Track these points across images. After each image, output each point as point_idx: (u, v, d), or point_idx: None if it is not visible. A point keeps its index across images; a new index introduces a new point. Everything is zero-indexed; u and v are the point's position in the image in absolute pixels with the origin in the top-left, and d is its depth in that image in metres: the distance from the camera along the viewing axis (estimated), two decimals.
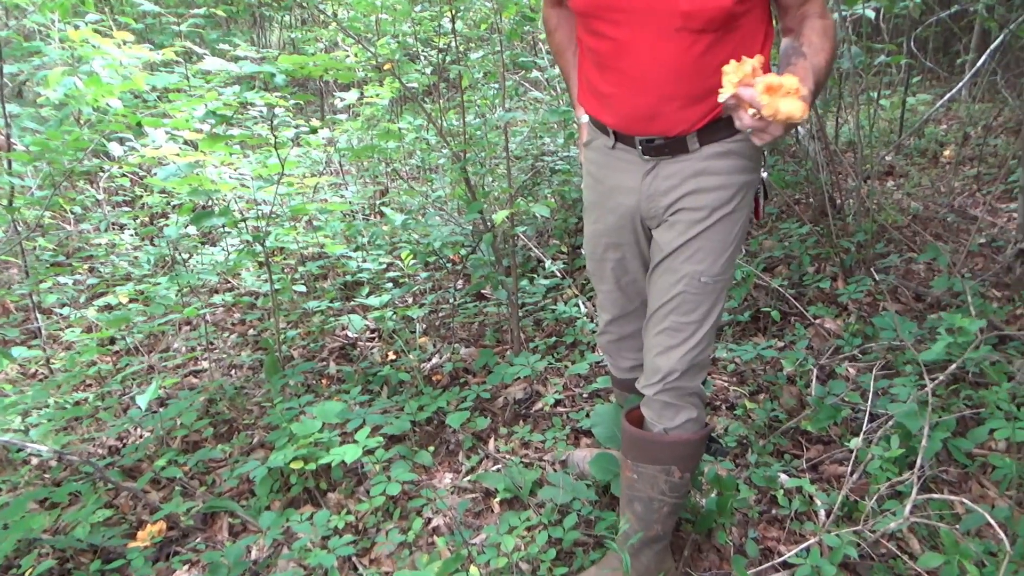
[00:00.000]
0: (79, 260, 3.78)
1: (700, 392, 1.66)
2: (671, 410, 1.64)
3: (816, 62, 1.35)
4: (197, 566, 2.06)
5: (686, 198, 1.54)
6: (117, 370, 3.06)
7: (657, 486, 1.68)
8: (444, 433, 2.55)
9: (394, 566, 1.98)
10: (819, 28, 1.38)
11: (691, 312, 1.59)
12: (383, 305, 3.17)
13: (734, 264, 1.60)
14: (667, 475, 1.67)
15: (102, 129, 2.40)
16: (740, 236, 1.59)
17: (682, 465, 1.67)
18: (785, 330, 2.90)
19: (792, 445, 2.29)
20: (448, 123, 3.62)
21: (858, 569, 1.81)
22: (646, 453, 1.68)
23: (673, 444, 1.65)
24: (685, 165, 1.52)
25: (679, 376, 1.61)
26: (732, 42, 1.39)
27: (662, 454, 1.66)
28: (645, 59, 1.42)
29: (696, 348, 1.60)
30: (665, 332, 1.62)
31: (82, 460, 2.23)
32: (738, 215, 1.56)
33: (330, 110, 5.96)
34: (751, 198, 1.58)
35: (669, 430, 1.64)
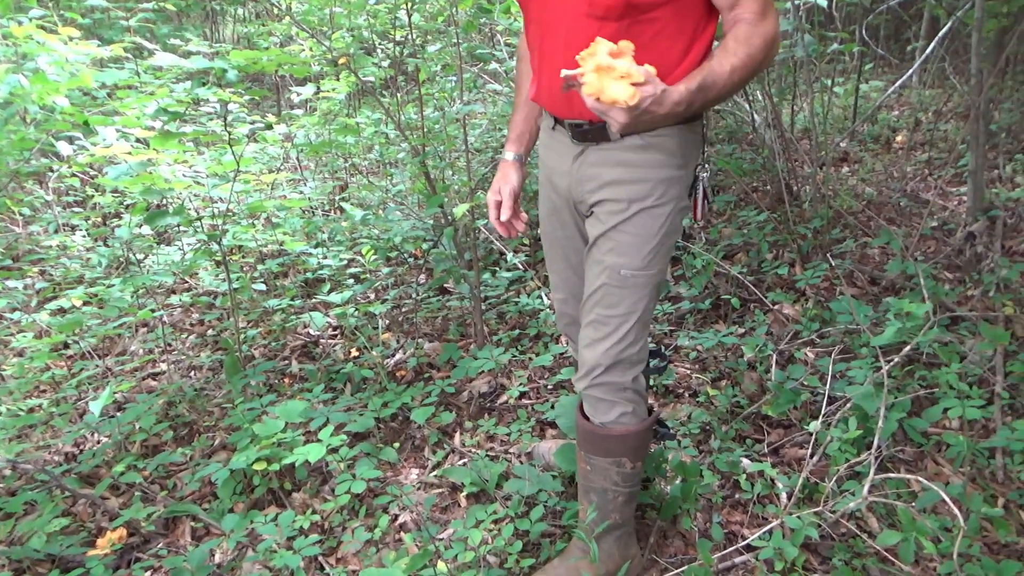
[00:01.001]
0: (29, 263, 3.68)
1: (634, 387, 1.65)
2: (604, 405, 1.65)
3: (717, 64, 1.31)
4: (160, 572, 2.02)
5: (607, 188, 1.54)
6: (71, 375, 2.98)
7: (610, 477, 1.69)
8: (409, 429, 2.54)
9: (361, 564, 1.97)
10: (741, 33, 1.33)
11: (615, 306, 1.59)
12: (345, 302, 3.14)
13: (662, 260, 1.58)
14: (618, 467, 1.68)
15: (49, 128, 2.34)
16: (666, 232, 1.55)
17: (632, 456, 1.68)
18: (745, 316, 2.93)
19: (754, 430, 2.32)
20: (407, 117, 3.60)
21: (819, 549, 1.84)
22: (596, 445, 1.69)
23: (621, 437, 1.66)
24: (608, 155, 1.53)
25: (605, 371, 1.62)
26: (647, 33, 1.37)
27: (612, 446, 1.67)
28: (561, 41, 1.46)
29: (622, 343, 1.60)
30: (591, 325, 1.63)
31: (37, 468, 2.18)
32: (660, 210, 1.53)
33: (286, 105, 5.88)
34: (676, 194, 1.54)
35: (605, 424, 1.65)
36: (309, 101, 3.91)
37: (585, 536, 1.68)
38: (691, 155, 1.54)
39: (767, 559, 1.77)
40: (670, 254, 1.61)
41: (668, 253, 1.59)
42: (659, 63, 1.29)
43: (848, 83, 6.11)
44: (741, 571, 1.81)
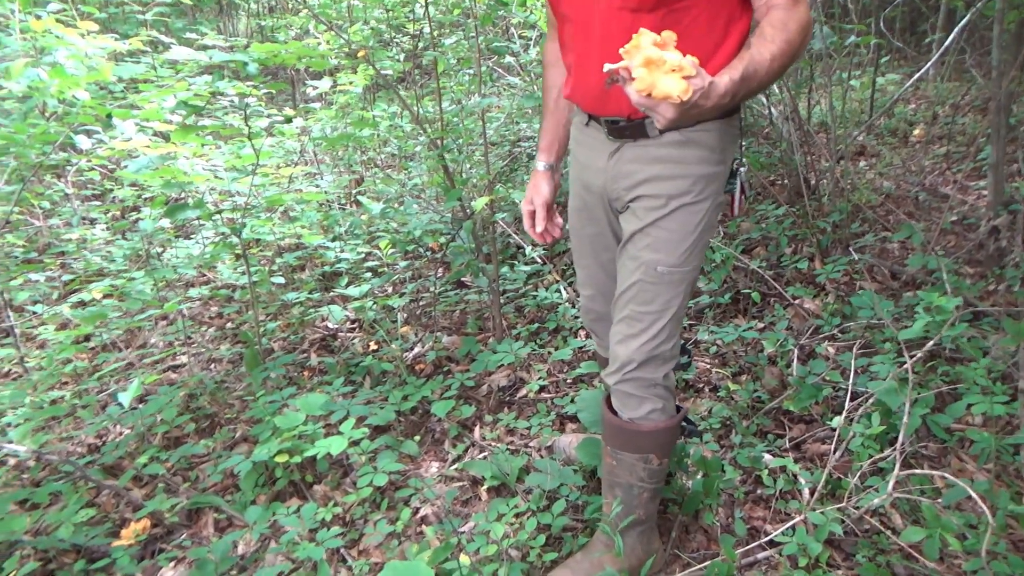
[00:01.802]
0: (51, 256, 3.70)
1: (665, 383, 1.64)
2: (634, 400, 1.65)
3: (757, 52, 1.28)
4: (183, 563, 2.03)
5: (645, 185, 1.53)
6: (94, 367, 3.01)
7: (636, 473, 1.69)
8: (429, 422, 2.55)
9: (383, 557, 1.98)
10: (777, 19, 1.32)
11: (649, 302, 1.58)
12: (363, 295, 3.15)
13: (698, 256, 1.57)
14: (645, 463, 1.68)
15: (70, 121, 2.34)
16: (704, 228, 1.54)
17: (660, 452, 1.68)
18: (765, 311, 2.92)
19: (775, 425, 2.31)
20: (424, 110, 3.59)
21: (843, 545, 1.84)
22: (624, 441, 1.69)
23: (650, 433, 1.65)
24: (645, 151, 1.52)
25: (637, 367, 1.61)
26: (682, 23, 1.36)
27: (640, 442, 1.67)
28: (596, 36, 1.45)
29: (655, 339, 1.59)
30: (625, 320, 1.62)
31: (61, 459, 2.20)
32: (699, 206, 1.52)
33: (302, 99, 5.89)
34: (715, 190, 1.53)
35: (635, 420, 1.65)
36: (326, 94, 3.91)
37: (610, 530, 1.68)
38: (729, 149, 1.53)
39: (790, 555, 1.77)
40: (706, 250, 1.60)
41: (704, 249, 1.58)
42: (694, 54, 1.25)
43: (865, 76, 6.06)
44: (764, 567, 1.81)
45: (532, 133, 3.81)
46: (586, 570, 1.75)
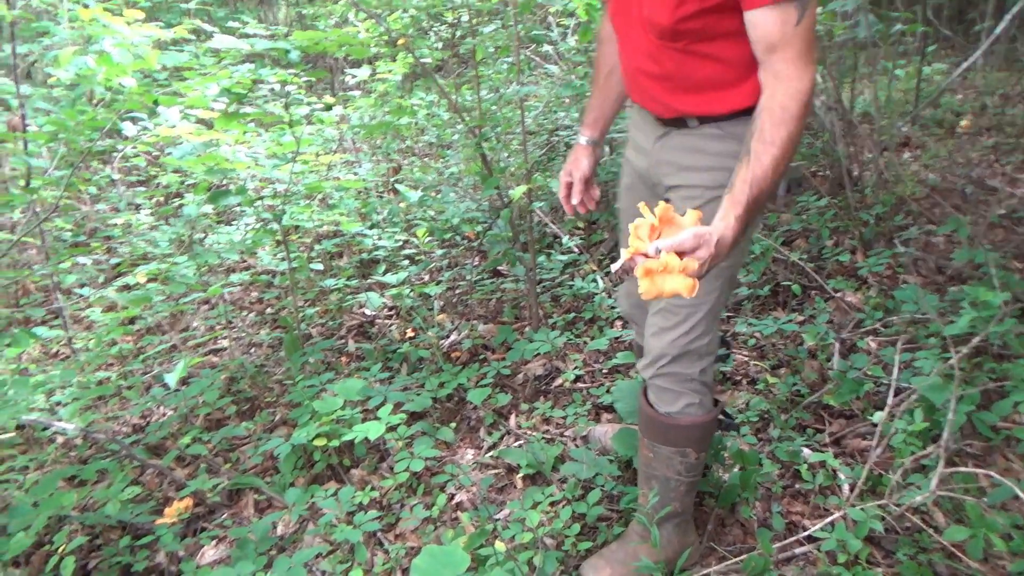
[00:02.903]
0: (97, 240, 3.78)
1: (701, 379, 1.63)
2: (669, 395, 1.64)
3: (757, 166, 1.24)
4: (224, 542, 2.08)
5: (683, 174, 1.53)
6: (138, 349, 3.07)
7: (673, 466, 1.68)
8: (465, 410, 2.56)
9: (419, 541, 2.00)
10: (778, 105, 1.25)
11: None
12: (400, 283, 3.17)
13: (740, 252, 1.55)
14: (682, 456, 1.67)
15: (118, 108, 2.39)
16: None
17: (697, 446, 1.67)
18: (805, 304, 2.88)
19: (814, 419, 2.29)
20: (462, 98, 3.60)
21: (883, 543, 1.81)
22: (661, 434, 1.68)
23: (687, 427, 1.64)
24: (687, 140, 1.51)
25: (671, 361, 1.60)
26: (709, 51, 1.37)
27: (677, 436, 1.66)
28: (630, 46, 1.51)
29: (690, 334, 1.58)
30: (660, 313, 1.61)
31: (108, 438, 2.25)
32: None
33: (341, 87, 5.93)
34: None
35: (671, 414, 1.64)
36: (365, 83, 3.92)
37: (647, 521, 1.68)
38: None
39: (829, 551, 1.75)
40: (748, 246, 1.58)
41: (746, 245, 1.57)
42: (722, 81, 1.35)
43: (910, 66, 5.92)
44: (802, 562, 1.79)
45: (570, 122, 3.79)
46: (621, 560, 1.76)
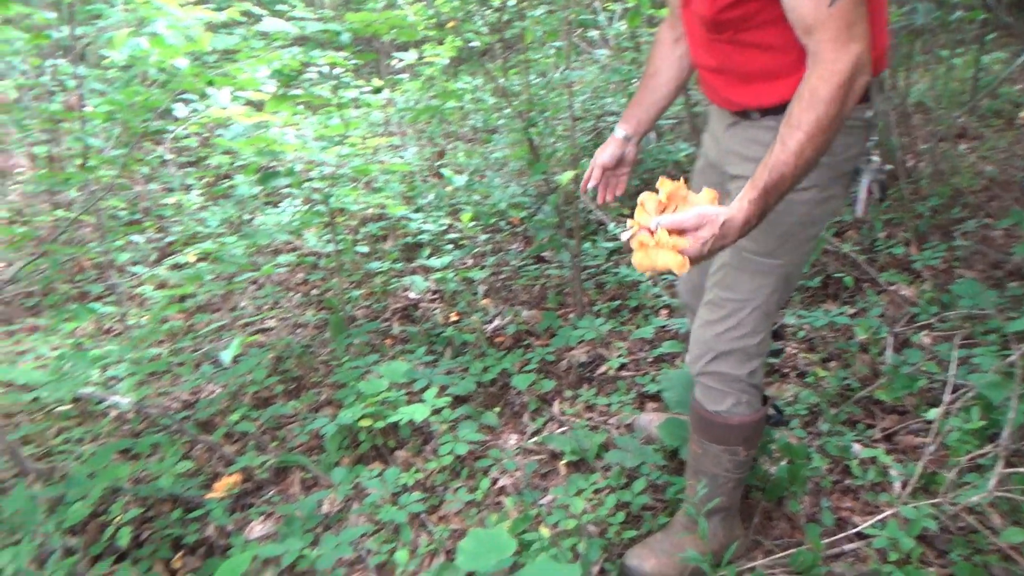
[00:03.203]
0: (150, 220, 3.86)
1: (750, 380, 1.59)
2: (714, 394, 1.62)
3: (780, 151, 1.20)
4: (272, 518, 2.11)
5: (745, 164, 1.48)
6: (188, 327, 3.13)
7: (721, 463, 1.66)
8: (508, 395, 2.56)
9: (463, 524, 2.01)
10: (808, 89, 1.19)
11: (732, 288, 1.53)
12: (444, 267, 3.18)
13: (793, 251, 1.47)
14: (732, 454, 1.65)
15: (173, 89, 2.42)
16: (800, 221, 1.43)
17: (746, 445, 1.65)
18: (856, 296, 2.82)
19: (865, 414, 2.24)
20: (508, 83, 3.58)
21: (936, 542, 1.77)
22: (710, 432, 1.66)
23: (737, 427, 1.62)
24: (749, 131, 1.48)
25: (716, 358, 1.57)
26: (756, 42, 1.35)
27: (726, 435, 1.64)
28: (694, 45, 1.51)
29: (736, 330, 1.53)
30: (707, 305, 1.59)
31: (160, 413, 2.30)
32: (794, 195, 1.36)
33: (387, 71, 5.94)
34: (817, 182, 1.39)
35: (719, 413, 1.62)
36: (412, 66, 3.93)
37: (695, 512, 1.66)
38: (842, 143, 1.37)
39: (880, 548, 1.72)
40: (808, 246, 1.49)
41: (803, 245, 1.48)
42: (772, 71, 1.33)
43: (968, 54, 5.73)
44: (851, 559, 1.76)
45: (617, 108, 3.75)
46: (666, 551, 1.75)
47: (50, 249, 2.49)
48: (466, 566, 1.32)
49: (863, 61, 1.17)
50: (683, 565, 1.71)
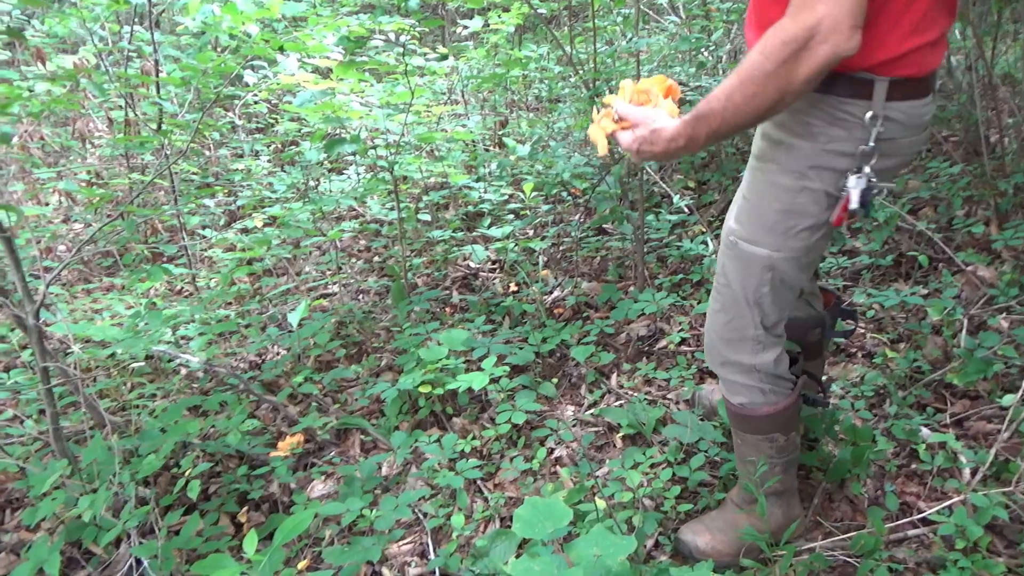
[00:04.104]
0: (220, 184, 3.96)
1: (766, 370, 1.54)
2: (730, 387, 1.60)
3: (719, 89, 1.19)
4: (332, 478, 2.17)
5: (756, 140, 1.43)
6: (255, 290, 3.21)
7: (763, 450, 1.63)
8: (566, 366, 2.56)
9: (518, 492, 2.03)
10: (761, 39, 1.15)
11: (725, 275, 1.49)
12: (505, 236, 3.18)
13: (779, 242, 1.38)
14: (771, 442, 1.62)
15: (246, 54, 2.46)
16: (783, 209, 1.36)
17: (783, 429, 1.61)
18: (930, 276, 2.72)
19: (935, 398, 2.17)
20: (575, 51, 3.53)
21: (1005, 532, 1.71)
22: (741, 423, 1.63)
23: (767, 417, 1.58)
24: None
25: (721, 347, 1.55)
26: None
27: (758, 425, 1.60)
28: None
29: (736, 320, 1.49)
30: (712, 293, 1.57)
31: (229, 372, 2.37)
32: (773, 176, 1.35)
33: (451, 39, 5.93)
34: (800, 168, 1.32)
35: (744, 405, 1.59)
36: (477, 34, 3.91)
37: (754, 489, 1.64)
38: (822, 130, 1.29)
39: (946, 536, 1.67)
40: (795, 243, 1.38)
41: (788, 238, 1.38)
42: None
43: None
44: (915, 545, 1.72)
45: (686, 77, 3.67)
46: (720, 528, 1.73)
47: (128, 211, 2.58)
48: (522, 533, 1.33)
49: (822, 29, 1.08)
50: (738, 542, 1.70)
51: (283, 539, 1.43)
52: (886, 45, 1.20)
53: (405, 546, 1.91)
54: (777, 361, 1.56)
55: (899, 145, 1.31)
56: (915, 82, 1.25)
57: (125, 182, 3.66)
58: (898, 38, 1.20)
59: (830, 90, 1.26)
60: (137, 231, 3.68)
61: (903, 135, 1.29)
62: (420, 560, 1.87)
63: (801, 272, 1.45)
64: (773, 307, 1.49)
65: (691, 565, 1.71)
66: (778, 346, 1.55)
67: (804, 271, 1.46)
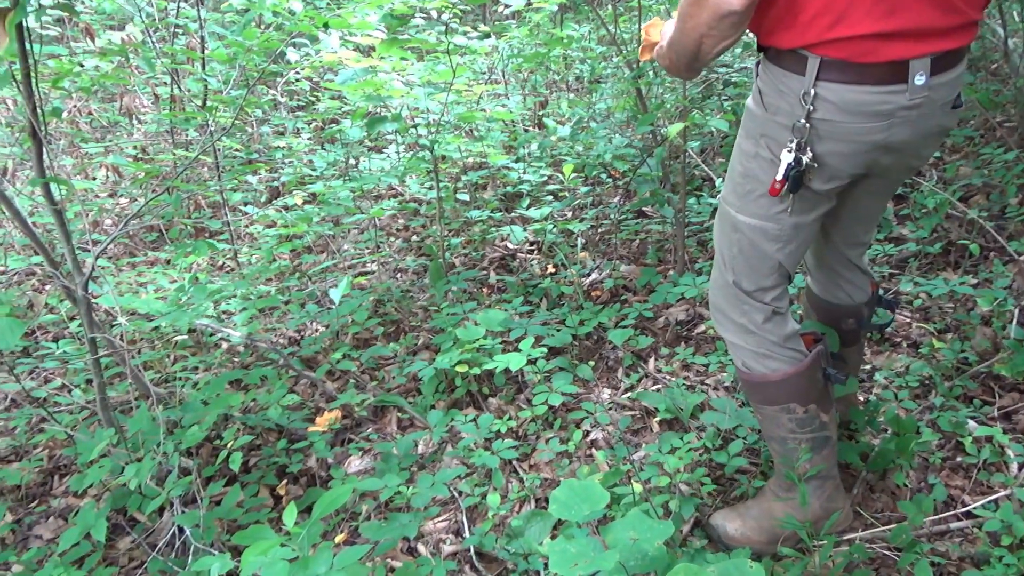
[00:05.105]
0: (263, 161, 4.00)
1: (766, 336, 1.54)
2: (730, 348, 1.63)
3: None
4: (369, 454, 2.19)
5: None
6: (295, 267, 3.25)
7: (782, 424, 1.59)
8: (603, 349, 2.55)
9: (553, 473, 2.03)
10: None
11: (716, 229, 1.58)
12: (543, 218, 3.17)
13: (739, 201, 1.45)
14: (788, 412, 1.58)
15: (292, 30, 2.48)
16: (743, 172, 1.44)
17: (801, 399, 1.56)
18: (980, 266, 2.65)
19: (982, 390, 2.12)
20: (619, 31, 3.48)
21: None
22: (755, 393, 1.61)
23: (778, 382, 1.55)
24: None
25: (712, 301, 1.62)
26: None
27: (771, 393, 1.58)
28: None
29: (721, 273, 1.56)
30: None
31: (270, 347, 2.41)
32: (742, 141, 1.45)
33: (492, 18, 5.89)
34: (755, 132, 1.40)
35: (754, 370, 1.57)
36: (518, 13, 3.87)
37: (795, 477, 1.62)
38: (774, 99, 1.35)
39: (991, 531, 1.63)
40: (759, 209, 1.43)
41: (751, 203, 1.44)
42: None
43: None
44: (958, 538, 1.69)
45: (731, 58, 3.60)
46: (754, 516, 1.72)
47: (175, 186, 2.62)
48: (559, 514, 1.33)
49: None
50: (771, 531, 1.68)
51: (322, 512, 1.45)
52: (815, 26, 1.23)
53: (440, 523, 1.93)
54: (772, 327, 1.54)
55: (842, 129, 1.30)
56: (855, 67, 1.24)
57: (170, 157, 3.71)
58: (828, 22, 1.22)
59: (777, 62, 1.33)
60: (181, 206, 3.73)
61: (842, 119, 1.29)
62: (455, 538, 1.88)
63: (771, 243, 1.47)
64: (744, 271, 1.52)
65: (724, 551, 1.70)
66: (765, 312, 1.54)
67: (775, 243, 1.46)
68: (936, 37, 1.24)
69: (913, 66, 1.24)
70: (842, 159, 1.35)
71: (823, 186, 1.39)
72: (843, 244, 1.68)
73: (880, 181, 1.51)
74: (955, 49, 1.27)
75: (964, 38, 1.28)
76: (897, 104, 1.26)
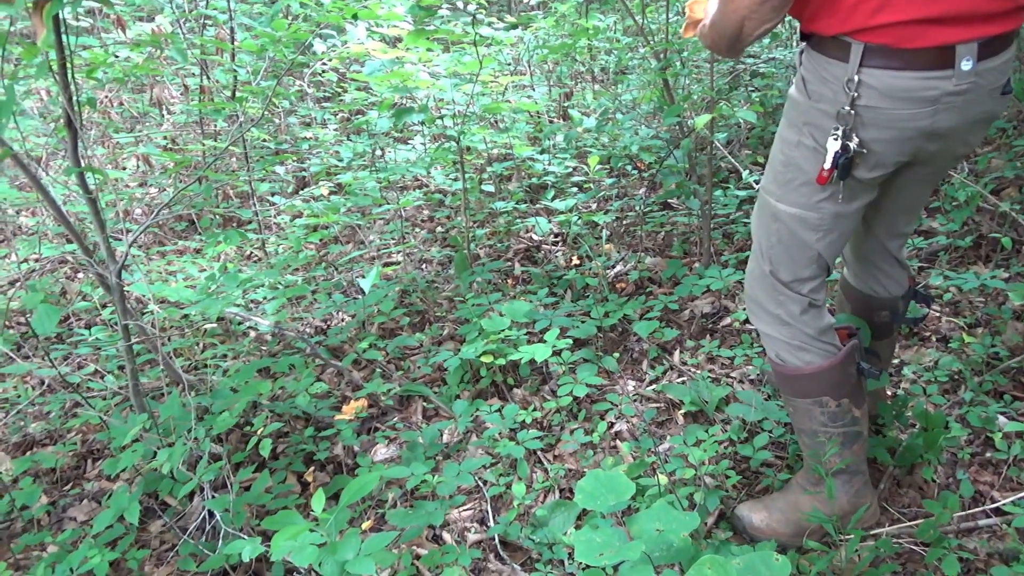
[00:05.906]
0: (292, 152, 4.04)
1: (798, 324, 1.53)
2: (763, 339, 1.62)
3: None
4: (395, 443, 2.22)
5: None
6: (321, 257, 3.28)
7: (814, 417, 1.59)
8: (628, 341, 2.55)
9: (577, 464, 2.04)
10: None
11: (754, 218, 1.58)
12: (568, 209, 3.17)
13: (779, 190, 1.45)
14: (820, 406, 1.57)
15: (320, 20, 2.49)
16: (784, 161, 1.44)
17: (833, 393, 1.56)
18: (1012, 260, 2.61)
19: (1013, 386, 2.09)
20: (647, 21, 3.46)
21: None
22: (788, 385, 1.60)
23: (813, 375, 1.54)
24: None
25: (747, 290, 1.61)
26: None
27: (804, 386, 1.57)
28: None
29: (757, 263, 1.56)
30: None
31: (297, 336, 2.43)
32: (783, 130, 1.45)
33: (517, 9, 5.88)
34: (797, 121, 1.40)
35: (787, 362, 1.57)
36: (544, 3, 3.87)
37: (822, 471, 1.61)
38: (818, 87, 1.34)
39: (1021, 528, 1.62)
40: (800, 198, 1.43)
41: (792, 191, 1.44)
42: None
43: None
44: (986, 534, 1.67)
45: (759, 48, 3.57)
46: (780, 508, 1.71)
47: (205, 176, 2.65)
48: (584, 504, 1.34)
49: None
50: (796, 524, 1.68)
51: (349, 499, 1.47)
52: (858, 12, 1.23)
53: (465, 512, 1.94)
54: (808, 319, 1.54)
55: (886, 116, 1.29)
56: (899, 53, 1.23)
57: (200, 148, 3.75)
58: (871, 7, 1.22)
59: (820, 49, 1.32)
60: (211, 196, 3.77)
61: (887, 106, 1.28)
62: (480, 527, 1.90)
63: (811, 232, 1.46)
64: (782, 261, 1.51)
65: (749, 543, 1.70)
66: (801, 303, 1.53)
67: (815, 233, 1.46)
68: (982, 22, 1.22)
69: (959, 51, 1.22)
70: (887, 146, 1.34)
71: (867, 174, 1.38)
72: (884, 235, 1.66)
73: (925, 169, 1.49)
74: (1003, 34, 1.25)
75: (1012, 23, 1.26)
76: (943, 90, 1.25)
